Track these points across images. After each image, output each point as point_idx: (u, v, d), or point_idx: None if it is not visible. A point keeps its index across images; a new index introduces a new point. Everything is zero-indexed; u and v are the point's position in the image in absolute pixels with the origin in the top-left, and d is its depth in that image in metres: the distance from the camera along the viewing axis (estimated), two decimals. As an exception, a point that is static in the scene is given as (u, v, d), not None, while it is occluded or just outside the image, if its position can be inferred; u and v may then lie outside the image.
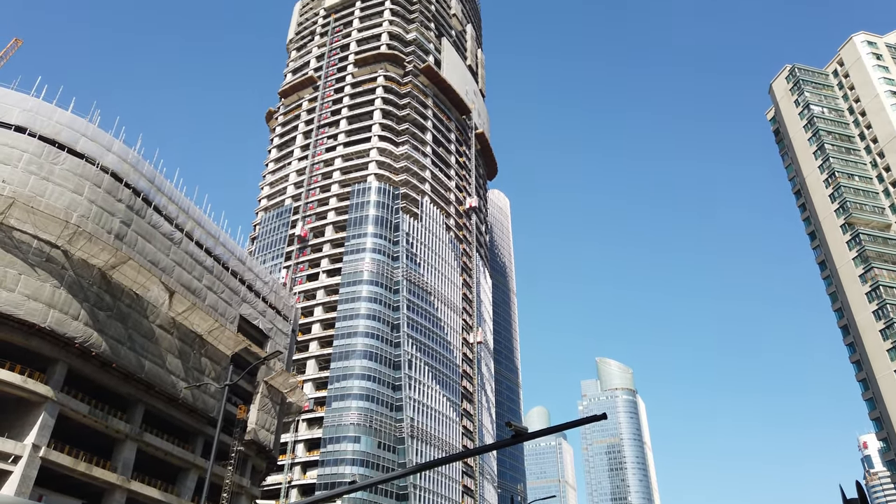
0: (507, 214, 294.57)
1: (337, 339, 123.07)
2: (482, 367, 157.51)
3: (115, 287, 58.99)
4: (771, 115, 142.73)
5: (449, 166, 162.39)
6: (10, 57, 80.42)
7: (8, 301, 50.48)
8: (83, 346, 54.60)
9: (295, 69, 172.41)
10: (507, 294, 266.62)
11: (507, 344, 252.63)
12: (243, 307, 77.53)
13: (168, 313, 64.20)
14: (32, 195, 54.37)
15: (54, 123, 58.57)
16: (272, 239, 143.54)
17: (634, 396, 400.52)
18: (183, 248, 68.85)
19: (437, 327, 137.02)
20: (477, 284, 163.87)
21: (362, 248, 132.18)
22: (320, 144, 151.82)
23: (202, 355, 68.65)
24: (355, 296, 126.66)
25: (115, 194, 61.07)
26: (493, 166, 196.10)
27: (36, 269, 52.93)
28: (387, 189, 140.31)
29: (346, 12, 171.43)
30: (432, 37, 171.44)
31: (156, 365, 62.06)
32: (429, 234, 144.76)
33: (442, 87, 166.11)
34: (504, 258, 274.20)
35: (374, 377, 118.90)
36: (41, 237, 53.54)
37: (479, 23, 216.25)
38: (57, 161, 57.26)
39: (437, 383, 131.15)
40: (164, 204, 67.75)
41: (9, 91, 58.20)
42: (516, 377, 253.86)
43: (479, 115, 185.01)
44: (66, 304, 54.07)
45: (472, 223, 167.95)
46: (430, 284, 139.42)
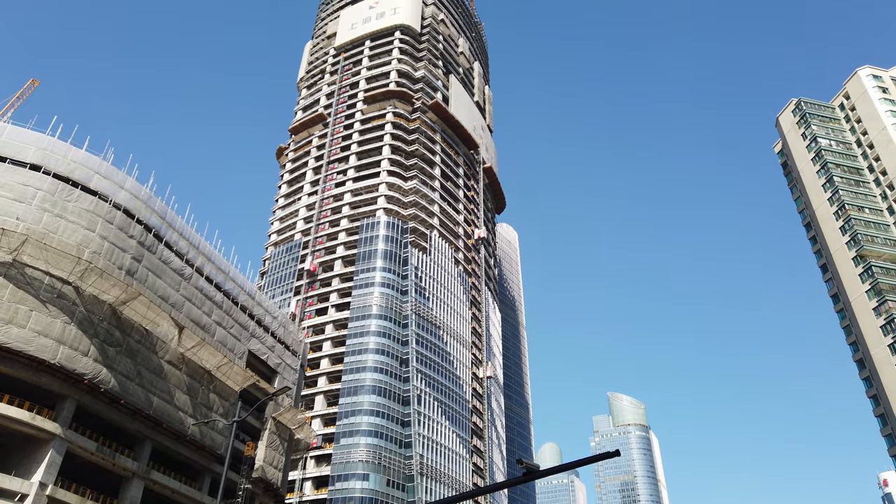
0: (515, 248, 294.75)
1: (345, 374, 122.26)
2: (492, 403, 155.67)
3: (125, 323, 59.16)
4: (779, 148, 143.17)
5: (457, 200, 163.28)
6: (27, 97, 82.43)
7: (18, 337, 50.68)
8: (92, 383, 54.52)
9: (305, 107, 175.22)
10: (516, 328, 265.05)
11: (518, 379, 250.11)
12: (252, 342, 77.40)
13: (177, 349, 64.16)
14: (46, 232, 55.03)
15: (69, 161, 59.57)
16: (282, 273, 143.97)
17: (647, 432, 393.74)
18: (193, 283, 69.15)
19: (446, 362, 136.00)
20: (486, 318, 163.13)
21: (371, 282, 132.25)
22: (330, 180, 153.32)
23: (210, 391, 68.33)
24: (364, 330, 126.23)
25: (127, 230, 61.70)
26: (502, 200, 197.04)
27: (47, 305, 53.24)
28: (396, 223, 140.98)
29: (355, 51, 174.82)
30: (440, 74, 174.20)
31: (164, 401, 61.78)
32: (438, 267, 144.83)
33: (450, 123, 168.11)
34: (513, 292, 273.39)
35: (382, 413, 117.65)
36: (53, 273, 54.00)
37: (486, 60, 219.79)
38: (70, 198, 58.08)
39: (447, 419, 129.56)
40: (175, 240, 68.32)
41: (25, 130, 59.43)
42: (527, 413, 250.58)
43: (486, 150, 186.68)
44: (77, 340, 54.19)
45: (480, 257, 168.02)
46: (440, 318, 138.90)
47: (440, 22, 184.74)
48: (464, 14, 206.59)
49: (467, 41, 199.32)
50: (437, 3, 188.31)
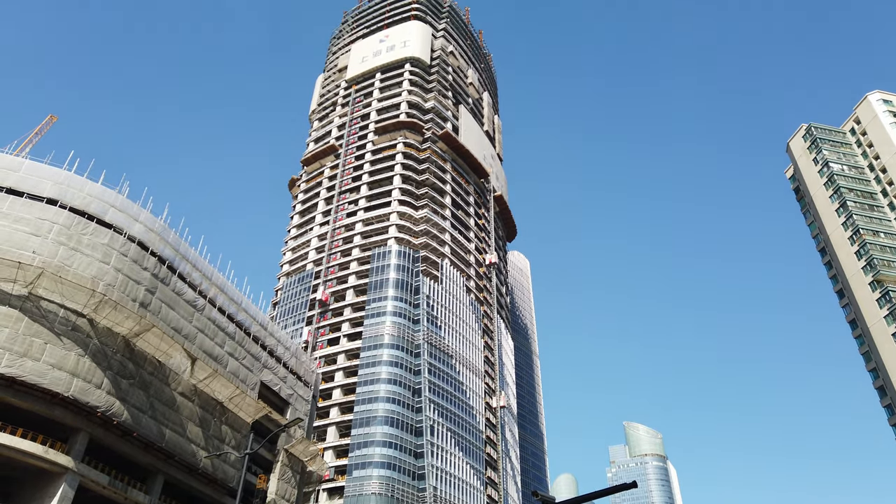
0: (527, 276, 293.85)
1: (358, 404, 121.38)
2: (506, 433, 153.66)
3: (139, 355, 59.29)
4: (790, 173, 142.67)
5: (468, 229, 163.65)
6: (45, 132, 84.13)
7: (33, 370, 50.88)
8: (105, 415, 54.45)
9: (317, 138, 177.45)
10: (529, 356, 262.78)
11: (532, 408, 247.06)
12: (264, 373, 77.21)
13: (190, 381, 64.10)
14: (61, 265, 55.59)
15: (84, 195, 60.40)
16: (294, 304, 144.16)
17: (665, 462, 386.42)
18: (206, 314, 69.36)
19: (459, 391, 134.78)
20: (499, 347, 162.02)
21: (383, 311, 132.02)
22: (341, 210, 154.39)
23: (223, 423, 68.01)
24: (376, 360, 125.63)
25: (141, 263, 62.22)
26: (513, 228, 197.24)
27: (62, 337, 53.53)
28: (407, 252, 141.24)
29: (366, 83, 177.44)
30: (450, 104, 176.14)
31: (176, 433, 61.52)
32: (449, 296, 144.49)
33: (460, 153, 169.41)
34: (526, 320, 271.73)
35: (395, 444, 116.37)
36: (68, 306, 54.38)
37: (495, 90, 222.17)
38: (86, 231, 58.75)
39: (460, 450, 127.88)
40: (189, 271, 68.75)
41: (42, 165, 60.44)
42: (542, 443, 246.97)
43: (496, 179, 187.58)
44: (90, 372, 54.32)
45: (492, 284, 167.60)
46: (452, 347, 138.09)
47: (449, 54, 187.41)
48: (472, 46, 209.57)
49: (476, 72, 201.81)
50: (446, 36, 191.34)
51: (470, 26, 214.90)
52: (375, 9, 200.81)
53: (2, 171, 58.31)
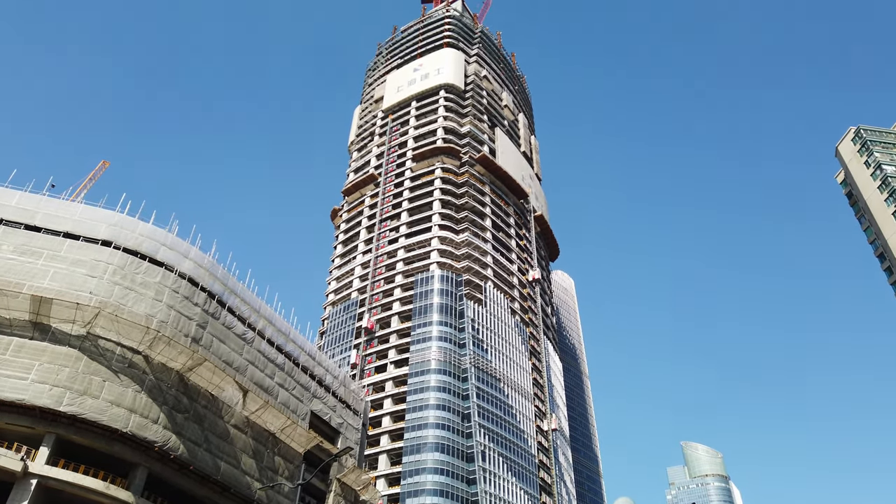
0: (572, 295, 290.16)
1: (407, 431, 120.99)
2: (559, 457, 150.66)
3: (192, 389, 60.57)
4: (841, 178, 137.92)
5: (510, 250, 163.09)
6: (98, 177, 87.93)
7: (93, 408, 52.44)
8: (162, 450, 55.59)
9: (357, 168, 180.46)
10: (579, 377, 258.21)
11: (584, 430, 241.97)
12: (314, 403, 77.83)
13: (242, 412, 65.05)
14: (117, 304, 57.53)
15: (137, 236, 62.67)
16: (340, 332, 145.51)
17: (727, 483, 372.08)
18: (255, 346, 70.57)
19: (508, 415, 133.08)
20: (547, 369, 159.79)
21: (428, 336, 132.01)
22: (383, 237, 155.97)
23: (275, 454, 68.65)
24: (424, 386, 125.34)
25: (191, 298, 63.91)
26: (555, 247, 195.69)
27: (119, 375, 55.14)
28: (449, 276, 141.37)
29: (402, 112, 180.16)
30: (486, 128, 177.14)
31: (231, 466, 62.33)
32: (494, 318, 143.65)
33: (498, 175, 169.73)
34: (573, 340, 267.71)
35: (447, 471, 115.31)
36: (124, 344, 56.10)
37: (530, 111, 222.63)
38: (139, 270, 60.82)
39: (513, 475, 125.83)
40: (238, 305, 70.25)
41: (96, 209, 63.16)
42: (597, 466, 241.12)
43: (536, 199, 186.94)
44: (147, 408, 55.70)
45: (537, 305, 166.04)
46: (499, 371, 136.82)
47: (483, 78, 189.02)
48: (506, 69, 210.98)
49: (510, 94, 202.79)
50: (479, 61, 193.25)
51: (502, 50, 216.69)
52: (408, 39, 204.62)
53: (59, 216, 61.11)
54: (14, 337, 52.87)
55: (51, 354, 52.91)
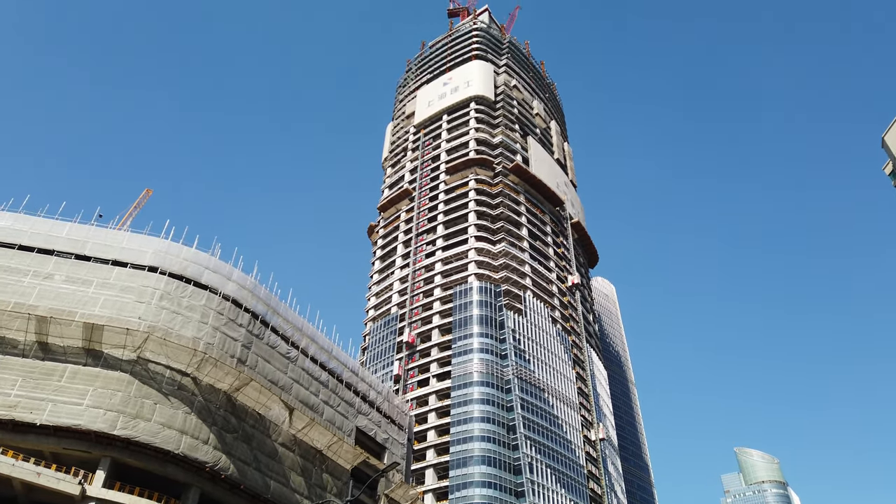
0: (614, 301, 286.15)
1: (453, 445, 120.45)
2: (608, 467, 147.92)
3: (240, 408, 61.53)
4: (889, 169, 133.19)
5: (548, 258, 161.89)
6: (143, 205, 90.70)
7: (146, 430, 53.70)
8: (213, 470, 56.51)
9: (391, 184, 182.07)
10: (625, 385, 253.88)
11: (633, 439, 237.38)
12: (359, 419, 78.21)
13: (289, 431, 65.75)
14: (164, 328, 59.03)
15: (181, 260, 64.36)
16: (382, 348, 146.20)
17: (786, 489, 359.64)
18: (299, 364, 71.41)
19: (554, 426, 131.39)
20: (591, 377, 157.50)
21: (469, 348, 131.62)
22: (420, 251, 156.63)
23: (323, 471, 69.11)
24: (467, 398, 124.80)
25: (236, 320, 65.15)
26: (594, 254, 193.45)
27: (169, 397, 56.41)
28: (488, 287, 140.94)
29: (433, 126, 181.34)
30: (518, 137, 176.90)
31: (280, 484, 62.97)
32: (535, 328, 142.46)
33: (532, 183, 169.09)
34: (617, 347, 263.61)
35: (494, 484, 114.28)
36: (173, 367, 57.46)
37: (562, 118, 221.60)
38: (185, 294, 62.35)
39: (562, 486, 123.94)
40: (280, 324, 71.32)
41: (142, 236, 65.27)
42: (647, 475, 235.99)
43: (572, 205, 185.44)
44: (197, 429, 56.77)
45: (578, 314, 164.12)
46: (543, 381, 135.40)
47: (513, 88, 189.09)
48: (535, 77, 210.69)
49: (541, 102, 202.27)
50: (508, 71, 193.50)
51: (531, 59, 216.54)
52: (437, 54, 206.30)
53: (107, 245, 63.22)
54: (69, 364, 54.63)
55: (104, 379, 54.45)
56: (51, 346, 54.88)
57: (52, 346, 54.90)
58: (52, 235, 62.33)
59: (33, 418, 51.04)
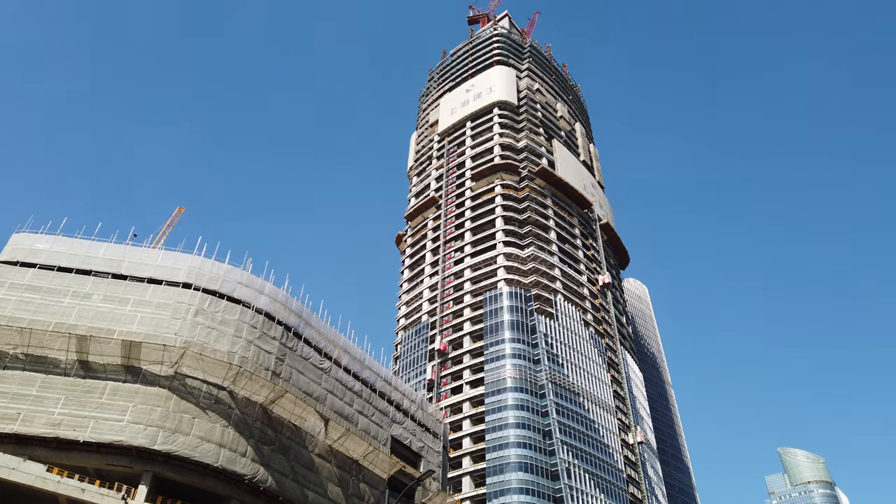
0: (647, 302, 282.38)
1: (488, 452, 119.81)
2: (648, 470, 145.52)
3: (276, 421, 62.08)
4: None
5: (577, 261, 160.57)
6: (175, 223, 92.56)
7: (185, 444, 54.48)
8: (252, 482, 57.03)
9: (417, 193, 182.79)
10: (662, 387, 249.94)
11: (672, 442, 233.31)
12: (394, 428, 78.28)
13: (325, 441, 66.09)
14: (200, 343, 59.95)
15: (214, 276, 65.44)
16: (414, 356, 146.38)
17: (833, 489, 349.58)
18: (333, 375, 71.83)
19: (591, 430, 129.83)
20: (627, 380, 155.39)
21: (501, 354, 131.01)
22: (448, 259, 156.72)
23: (360, 481, 69.25)
24: (501, 405, 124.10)
25: (269, 333, 65.88)
26: (624, 255, 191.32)
27: (207, 411, 57.18)
28: (518, 293, 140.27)
29: (457, 133, 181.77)
30: (542, 140, 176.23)
31: (318, 495, 63.25)
32: (567, 332, 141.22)
33: (559, 186, 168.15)
34: (652, 349, 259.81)
35: (532, 491, 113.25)
36: (209, 381, 58.27)
37: (587, 119, 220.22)
38: (218, 309, 63.29)
39: (602, 492, 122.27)
40: (313, 335, 71.90)
41: (175, 253, 66.51)
42: (688, 478, 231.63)
43: (600, 207, 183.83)
44: (235, 442, 57.42)
45: (611, 316, 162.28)
46: (577, 385, 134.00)
47: (536, 91, 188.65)
48: (558, 80, 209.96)
49: (565, 104, 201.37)
50: (530, 75, 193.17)
51: (553, 61, 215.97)
52: (458, 61, 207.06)
53: (142, 264, 64.60)
54: (109, 381, 55.77)
55: (143, 395, 55.46)
56: (91, 364, 56.10)
57: (93, 363, 56.11)
58: (89, 256, 63.85)
59: (77, 435, 52.14)
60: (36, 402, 52.94)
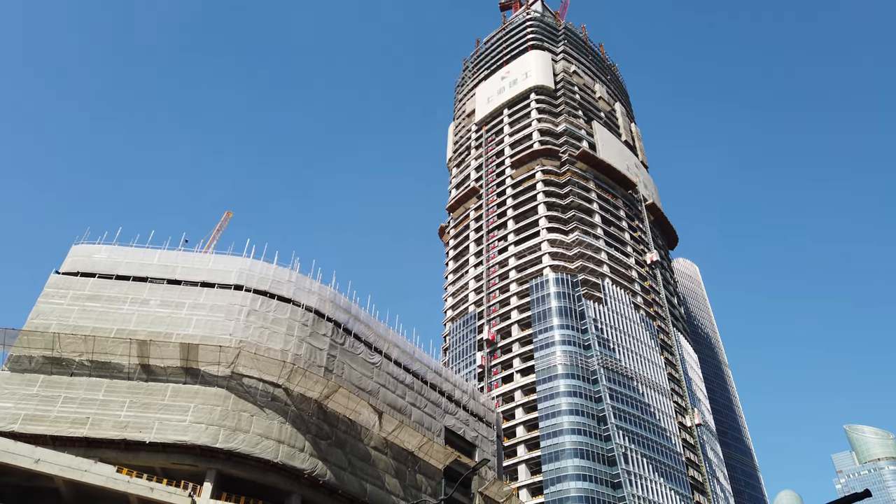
0: (698, 282, 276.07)
1: (543, 439, 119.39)
2: (708, 452, 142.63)
3: (331, 415, 63.18)
4: None
5: (624, 244, 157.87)
6: (225, 228, 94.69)
7: (246, 442, 56.00)
8: (311, 477, 58.25)
9: (457, 184, 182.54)
10: (718, 368, 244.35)
11: (732, 423, 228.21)
12: (447, 418, 78.69)
13: (380, 434, 66.96)
14: (254, 342, 61.46)
15: (264, 277, 66.96)
16: (462, 347, 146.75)
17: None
18: (384, 368, 72.64)
19: (646, 414, 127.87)
20: (681, 362, 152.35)
21: (551, 341, 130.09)
22: (492, 248, 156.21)
23: (416, 472, 69.95)
24: (553, 392, 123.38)
25: (319, 330, 67.01)
26: (673, 235, 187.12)
27: (264, 409, 58.61)
28: (564, 278, 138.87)
29: (495, 122, 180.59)
30: (582, 123, 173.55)
31: (376, 487, 64.18)
32: (617, 316, 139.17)
33: (601, 168, 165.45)
34: (706, 329, 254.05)
35: (589, 476, 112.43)
36: (265, 379, 59.69)
37: (626, 99, 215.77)
38: (269, 309, 64.72)
39: (660, 475, 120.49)
40: (362, 330, 72.80)
41: (226, 257, 68.21)
42: (751, 459, 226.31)
43: (645, 187, 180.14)
44: (292, 437, 58.72)
45: (661, 297, 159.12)
46: (630, 369, 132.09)
47: (573, 74, 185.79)
48: (595, 60, 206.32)
49: (603, 85, 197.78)
50: (566, 57, 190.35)
51: (589, 42, 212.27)
52: (492, 49, 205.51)
53: (195, 268, 66.45)
54: (170, 383, 57.68)
55: (203, 396, 57.18)
56: (152, 367, 58.12)
57: (154, 367, 58.12)
58: (144, 263, 66.04)
59: (143, 437, 54.13)
60: (103, 406, 55.16)
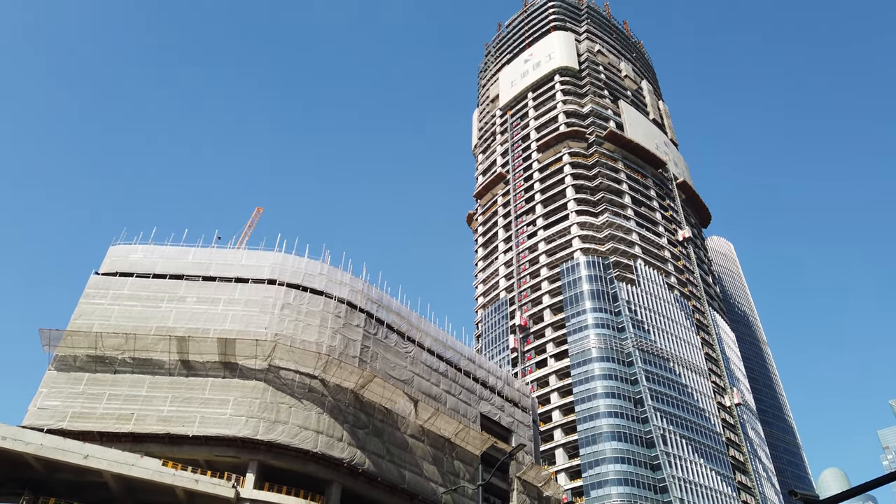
0: (734, 259, 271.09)
1: (579, 423, 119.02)
2: (748, 432, 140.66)
3: (367, 405, 63.94)
4: None
5: (655, 224, 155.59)
6: (255, 224, 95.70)
7: (285, 433, 57.04)
8: (350, 465, 59.14)
9: (484, 170, 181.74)
10: (757, 346, 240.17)
11: (772, 402, 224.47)
12: (482, 405, 79.01)
13: (416, 422, 67.56)
14: (289, 335, 62.38)
15: (296, 271, 67.83)
16: (495, 333, 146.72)
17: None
18: (417, 357, 73.14)
19: (684, 395, 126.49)
20: (718, 341, 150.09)
21: (584, 325, 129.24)
22: (521, 234, 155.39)
23: (454, 458, 70.48)
24: (588, 376, 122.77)
25: (352, 321, 67.70)
26: (705, 213, 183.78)
27: (302, 400, 59.57)
28: (596, 261, 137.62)
29: (519, 106, 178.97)
30: (608, 103, 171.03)
31: (415, 474, 64.89)
32: (650, 297, 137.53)
33: (629, 148, 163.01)
34: (743, 307, 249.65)
35: (628, 459, 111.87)
36: (301, 371, 60.62)
37: (653, 76, 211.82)
38: (303, 302, 65.56)
39: (700, 456, 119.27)
40: (394, 320, 73.34)
41: (258, 252, 69.31)
42: (794, 438, 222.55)
43: (675, 165, 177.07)
44: (331, 427, 59.62)
45: (696, 277, 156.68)
46: (666, 350, 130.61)
47: (597, 53, 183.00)
48: (619, 38, 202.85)
49: (629, 63, 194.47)
50: (590, 37, 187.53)
51: (613, 20, 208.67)
52: (514, 32, 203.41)
53: (229, 264, 67.61)
54: (209, 377, 58.95)
55: (241, 389, 58.33)
56: (192, 362, 59.43)
57: (193, 362, 59.42)
58: (180, 261, 67.38)
59: (186, 430, 55.51)
60: (146, 402, 56.66)
